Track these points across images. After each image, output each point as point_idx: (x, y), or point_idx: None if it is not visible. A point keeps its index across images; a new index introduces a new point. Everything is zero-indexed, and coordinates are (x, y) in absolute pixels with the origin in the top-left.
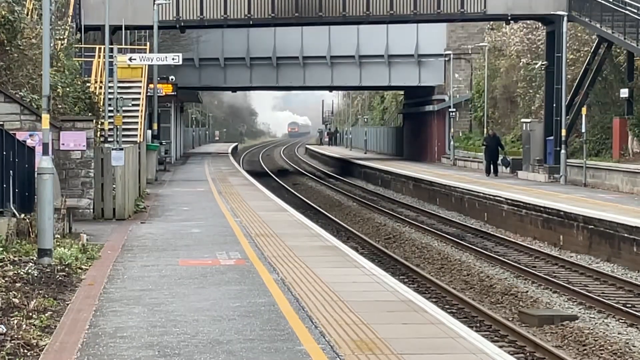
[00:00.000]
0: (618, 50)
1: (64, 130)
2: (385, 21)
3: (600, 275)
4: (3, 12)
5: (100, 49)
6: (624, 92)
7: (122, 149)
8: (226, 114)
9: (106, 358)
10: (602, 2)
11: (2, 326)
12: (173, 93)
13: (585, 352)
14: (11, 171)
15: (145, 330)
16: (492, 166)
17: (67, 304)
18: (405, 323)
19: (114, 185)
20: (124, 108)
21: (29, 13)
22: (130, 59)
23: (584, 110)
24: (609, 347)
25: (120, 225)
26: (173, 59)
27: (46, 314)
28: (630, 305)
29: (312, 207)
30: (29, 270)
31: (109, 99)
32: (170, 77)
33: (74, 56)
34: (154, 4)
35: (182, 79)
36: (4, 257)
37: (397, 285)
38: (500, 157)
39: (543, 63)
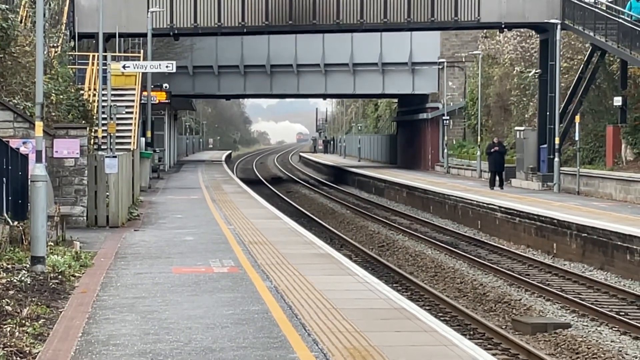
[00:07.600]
0: (611, 59)
1: (57, 137)
2: (379, 29)
3: (593, 283)
4: None
5: (93, 56)
6: (618, 100)
7: (115, 157)
8: (220, 122)
9: None
10: (596, 10)
11: None
12: (167, 101)
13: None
14: (4, 179)
15: (138, 337)
16: (497, 177)
17: (60, 312)
18: (398, 331)
19: (107, 193)
20: (117, 116)
21: (22, 20)
22: (124, 67)
23: (577, 118)
24: (602, 355)
25: (114, 232)
26: (167, 66)
27: (39, 322)
28: (623, 313)
29: (306, 215)
30: (22, 278)
31: (103, 106)
32: (164, 85)
33: (67, 64)
34: (147, 11)
35: (176, 86)
36: None
37: (391, 293)
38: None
39: (537, 71)
